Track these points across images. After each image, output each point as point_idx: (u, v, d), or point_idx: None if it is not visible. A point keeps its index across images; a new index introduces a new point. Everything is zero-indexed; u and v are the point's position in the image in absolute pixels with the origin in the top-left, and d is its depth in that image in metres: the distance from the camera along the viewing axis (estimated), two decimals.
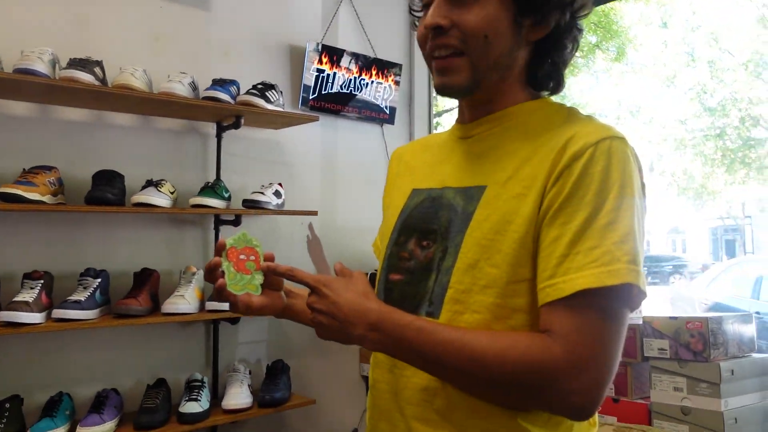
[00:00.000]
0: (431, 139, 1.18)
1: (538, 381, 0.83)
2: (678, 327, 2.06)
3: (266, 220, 2.74)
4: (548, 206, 0.87)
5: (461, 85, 0.96)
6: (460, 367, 0.86)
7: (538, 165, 0.90)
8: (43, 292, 2.01)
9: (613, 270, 0.81)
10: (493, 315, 0.89)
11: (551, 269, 0.85)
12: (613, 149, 0.87)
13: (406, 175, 1.13)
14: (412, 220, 1.03)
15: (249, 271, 0.97)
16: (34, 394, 2.13)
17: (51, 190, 2.03)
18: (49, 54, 2.04)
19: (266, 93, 2.46)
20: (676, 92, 12.32)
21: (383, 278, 1.04)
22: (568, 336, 0.82)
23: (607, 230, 0.83)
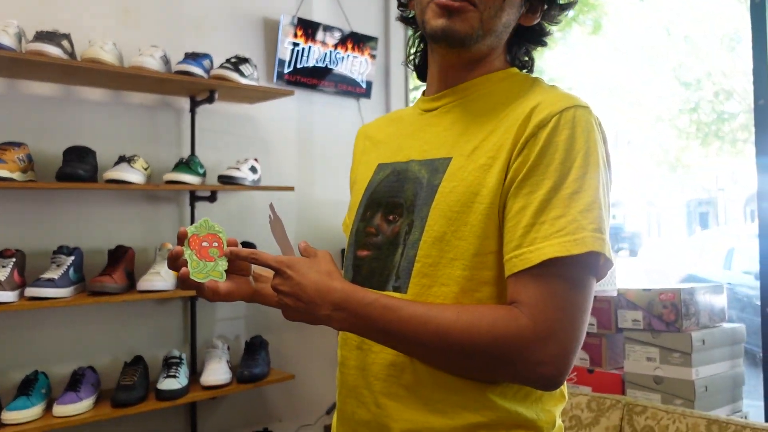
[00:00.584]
0: (397, 113, 1.17)
1: (506, 352, 0.83)
2: (651, 298, 2.09)
3: (242, 196, 2.71)
4: (514, 176, 0.87)
5: (467, 32, 0.93)
6: (427, 342, 0.85)
7: (503, 135, 0.90)
8: (15, 270, 1.98)
9: (579, 239, 0.81)
10: (460, 288, 0.89)
11: (517, 239, 0.84)
12: (578, 118, 0.86)
13: (372, 151, 1.12)
14: (377, 195, 1.02)
15: (212, 257, 0.95)
16: (8, 373, 2.11)
17: (20, 166, 1.99)
18: (15, 26, 1.99)
19: (240, 67, 2.43)
20: (653, 66, 12.37)
21: (351, 255, 1.03)
22: (535, 306, 0.82)
23: (573, 199, 0.83)
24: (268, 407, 2.77)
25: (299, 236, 2.92)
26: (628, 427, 1.73)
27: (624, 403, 1.78)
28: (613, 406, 1.79)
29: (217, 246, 0.96)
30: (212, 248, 0.96)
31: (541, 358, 0.82)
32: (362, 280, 0.98)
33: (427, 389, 0.90)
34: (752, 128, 2.10)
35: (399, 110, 1.18)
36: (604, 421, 1.78)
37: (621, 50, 12.12)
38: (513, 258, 0.84)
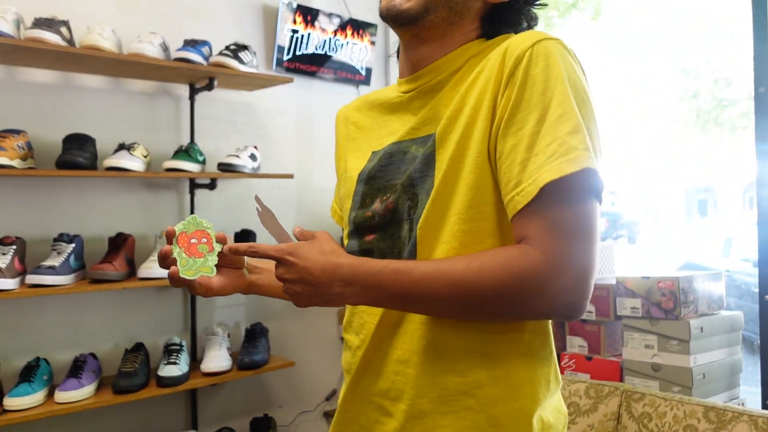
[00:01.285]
0: (375, 96, 1.14)
1: (524, 288, 0.82)
2: (650, 286, 2.10)
3: (242, 184, 2.71)
4: (500, 118, 0.86)
5: (410, 9, 0.93)
6: (444, 296, 0.84)
7: (482, 87, 0.89)
8: (16, 257, 1.98)
9: (571, 158, 0.80)
10: (460, 243, 0.89)
11: (515, 177, 0.83)
12: (550, 48, 0.85)
13: (362, 139, 1.11)
14: (374, 181, 1.02)
15: (202, 254, 0.94)
16: (10, 359, 2.12)
17: (20, 154, 1.99)
18: (13, 13, 1.98)
19: (239, 54, 2.42)
20: (652, 53, 12.32)
21: (357, 243, 1.03)
22: (543, 237, 0.81)
23: (559, 123, 0.82)
24: (269, 394, 2.79)
25: (299, 223, 2.91)
26: (626, 414, 1.74)
27: (622, 390, 1.79)
28: (611, 393, 1.80)
29: (206, 242, 0.95)
30: (201, 244, 0.94)
31: (559, 287, 0.81)
32: None
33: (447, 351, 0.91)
34: (752, 115, 2.09)
35: (378, 92, 1.15)
36: (603, 408, 1.79)
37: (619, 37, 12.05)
38: (514, 196, 0.83)
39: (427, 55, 0.99)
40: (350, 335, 1.05)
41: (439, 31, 0.97)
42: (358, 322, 1.03)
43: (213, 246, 0.95)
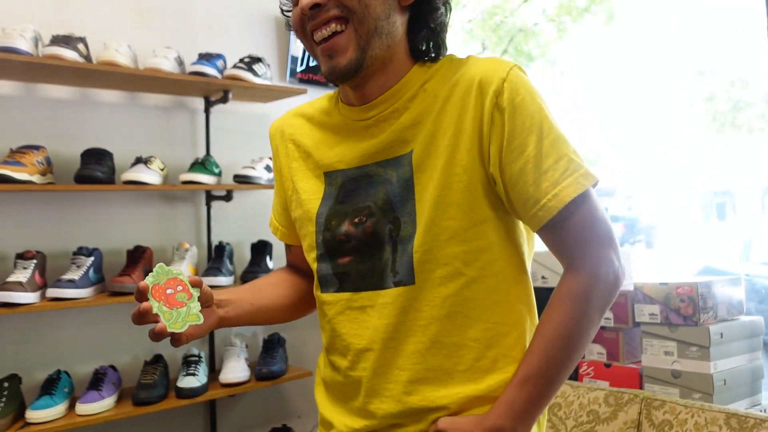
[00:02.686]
0: (311, 112, 1.13)
1: (597, 299, 0.94)
2: (668, 292, 2.09)
3: (258, 195, 2.73)
4: (498, 147, 0.94)
5: (351, 60, 0.95)
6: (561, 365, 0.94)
7: (455, 112, 0.95)
8: (37, 271, 2.01)
9: (583, 173, 0.93)
10: (462, 262, 0.96)
11: (533, 196, 0.93)
12: (518, 77, 0.94)
13: (306, 159, 1.09)
14: (340, 206, 1.02)
15: (182, 303, 0.90)
16: (32, 372, 2.14)
17: (39, 169, 2.02)
18: (31, 31, 2.01)
19: (253, 66, 2.44)
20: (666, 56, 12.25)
21: (329, 265, 1.03)
22: (579, 247, 0.94)
23: (559, 143, 0.94)
24: (287, 404, 2.79)
25: None
26: (646, 422, 1.73)
27: (642, 397, 1.78)
28: (631, 400, 1.79)
29: (182, 289, 0.91)
30: (178, 293, 0.90)
31: (608, 272, 0.94)
32: (354, 285, 1.01)
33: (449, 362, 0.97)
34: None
35: (310, 107, 1.15)
36: (622, 415, 1.78)
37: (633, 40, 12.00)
38: (537, 213, 0.93)
39: (377, 86, 1.01)
40: (335, 357, 1.06)
41: (380, 61, 0.98)
42: (341, 344, 1.04)
43: (191, 292, 0.91)
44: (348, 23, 0.94)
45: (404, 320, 0.97)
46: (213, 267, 2.36)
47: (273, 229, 1.23)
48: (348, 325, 1.02)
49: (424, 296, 0.96)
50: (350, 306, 1.02)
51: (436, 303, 0.95)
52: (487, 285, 0.97)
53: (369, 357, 0.99)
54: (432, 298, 0.96)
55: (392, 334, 0.97)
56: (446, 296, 0.95)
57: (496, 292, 0.97)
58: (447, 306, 0.95)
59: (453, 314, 0.96)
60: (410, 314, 0.96)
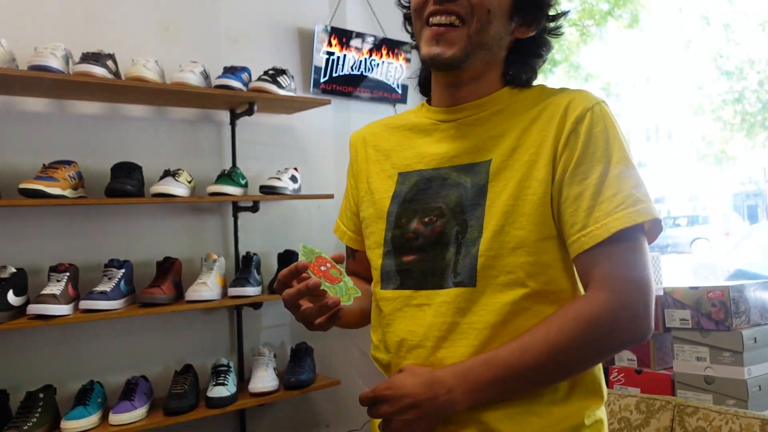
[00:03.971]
0: (394, 121, 1.19)
1: (602, 329, 0.92)
2: (699, 297, 2.06)
3: (284, 206, 2.76)
4: (564, 168, 0.96)
5: (454, 56, 0.99)
6: (536, 367, 0.92)
7: (539, 132, 0.98)
8: (70, 284, 2.05)
9: (640, 209, 0.92)
10: (526, 273, 0.96)
11: (582, 221, 0.93)
12: (604, 111, 0.98)
13: (383, 161, 1.14)
14: (410, 203, 1.05)
15: (338, 278, 0.93)
16: (66, 383, 2.18)
17: (71, 184, 2.06)
18: (62, 49, 2.06)
19: (278, 78, 2.47)
20: (692, 57, 12.11)
21: (393, 261, 1.06)
22: (610, 275, 0.92)
23: (623, 178, 0.94)
24: (315, 413, 2.80)
25: (340, 243, 2.94)
26: (679, 429, 1.70)
27: (674, 404, 1.75)
28: (663, 407, 1.77)
29: (331, 266, 0.94)
30: (331, 269, 0.93)
31: (629, 317, 0.92)
32: (415, 283, 1.02)
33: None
34: None
35: (395, 117, 1.22)
36: (654, 422, 1.75)
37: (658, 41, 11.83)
38: (581, 237, 0.94)
39: (468, 93, 1.06)
40: (381, 354, 1.09)
41: (477, 71, 1.04)
42: (393, 340, 1.05)
43: (339, 268, 0.95)
44: (465, 25, 0.98)
45: (459, 321, 0.97)
46: (241, 277, 2.39)
47: (340, 234, 1.26)
48: (404, 321, 1.03)
49: (483, 300, 0.96)
50: (408, 303, 1.03)
51: (494, 308, 0.96)
52: (547, 300, 0.97)
53: (420, 354, 1.00)
54: (491, 304, 0.96)
55: (445, 334, 0.98)
56: (505, 303, 0.96)
57: (556, 306, 0.96)
58: (504, 313, 0.96)
59: (508, 322, 0.96)
60: (467, 316, 0.97)
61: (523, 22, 1.03)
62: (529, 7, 1.02)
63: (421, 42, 1.03)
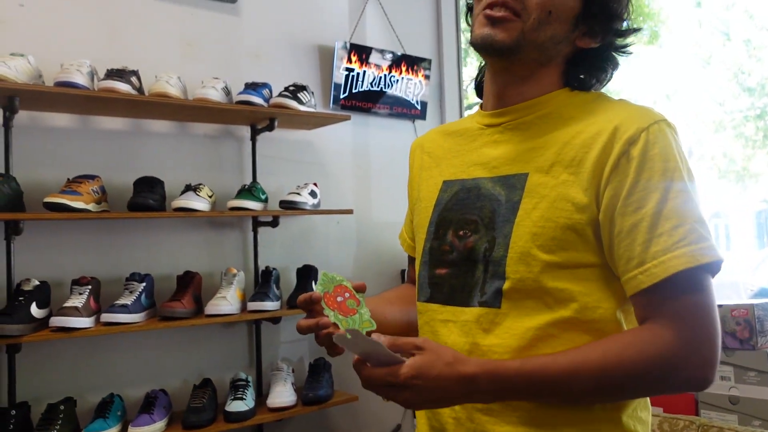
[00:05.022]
0: (450, 127, 1.17)
1: (662, 371, 0.84)
2: (723, 315, 2.02)
3: (303, 220, 2.77)
4: (615, 195, 0.88)
5: (504, 42, 0.94)
6: (582, 389, 0.86)
7: (582, 148, 0.91)
8: (91, 297, 2.07)
9: (704, 248, 0.84)
10: (554, 298, 0.90)
11: (638, 257, 0.86)
12: (664, 131, 0.89)
13: (433, 167, 1.13)
14: (448, 213, 1.04)
15: (354, 310, 0.89)
16: (86, 396, 2.20)
17: (95, 198, 2.09)
18: (87, 66, 2.10)
19: (298, 94, 2.49)
20: (713, 73, 12.01)
21: (427, 273, 1.04)
22: (674, 319, 0.84)
23: (685, 209, 0.86)
24: (334, 428, 2.79)
25: (360, 257, 2.95)
26: None
27: (698, 424, 1.72)
28: (686, 427, 1.73)
29: (349, 296, 0.90)
30: (348, 300, 0.90)
31: (694, 364, 0.84)
32: (444, 298, 1.00)
33: (524, 404, 0.91)
34: None
35: (453, 123, 1.19)
36: None
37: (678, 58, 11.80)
38: (638, 275, 0.86)
39: (515, 91, 1.02)
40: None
41: (528, 69, 1.00)
42: None
43: (357, 298, 0.91)
44: (521, 19, 0.94)
45: (481, 344, 0.94)
46: (260, 292, 2.40)
47: (401, 241, 1.26)
48: (430, 336, 1.02)
49: (507, 323, 0.92)
50: (434, 318, 1.02)
51: (518, 333, 0.92)
52: (579, 328, 0.91)
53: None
54: (515, 327, 0.92)
55: (466, 354, 0.94)
56: (529, 328, 0.91)
57: (587, 336, 0.91)
58: (528, 338, 0.91)
59: (533, 348, 0.91)
60: (489, 338, 0.94)
61: (588, 31, 0.99)
62: (596, 16, 0.97)
63: (474, 26, 0.99)
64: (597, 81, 1.04)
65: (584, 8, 0.97)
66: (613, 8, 0.98)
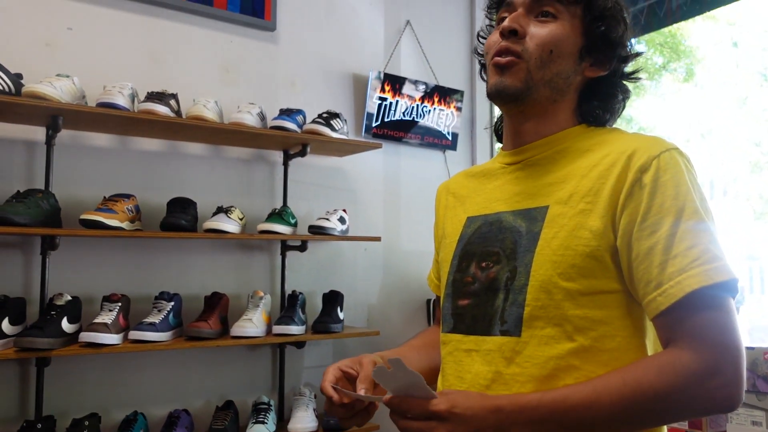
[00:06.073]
0: (475, 169, 1.22)
1: (683, 393, 0.84)
2: (755, 358, 1.97)
3: (331, 246, 2.78)
4: (630, 222, 0.90)
5: (514, 86, 1.00)
6: (605, 417, 0.85)
7: (598, 180, 0.95)
8: (121, 314, 2.10)
9: (718, 266, 0.85)
10: (573, 326, 0.92)
11: (656, 279, 0.87)
12: (675, 158, 0.92)
13: (458, 206, 1.17)
14: (471, 246, 1.06)
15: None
16: (110, 412, 2.22)
17: (129, 216, 2.13)
18: (129, 88, 2.16)
19: (331, 121, 2.52)
20: (749, 113, 11.87)
21: (450, 305, 1.06)
22: (693, 339, 0.85)
23: (698, 231, 0.88)
24: None
25: (386, 285, 2.95)
26: None
27: None
28: None
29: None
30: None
31: (717, 385, 0.83)
32: (466, 328, 1.02)
33: None
34: None
35: (477, 166, 1.23)
36: None
37: (714, 97, 11.69)
38: (657, 297, 0.87)
39: (532, 130, 1.06)
40: None
41: (542, 107, 1.04)
42: (445, 384, 1.04)
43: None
44: (524, 60, 1.00)
45: (503, 372, 0.95)
46: (285, 315, 2.41)
47: (429, 282, 1.30)
48: (453, 366, 1.03)
49: (528, 352, 0.93)
50: (458, 348, 1.03)
51: (539, 362, 0.92)
52: (598, 358, 0.91)
53: None
54: (536, 356, 0.93)
55: (489, 384, 0.96)
56: (550, 357, 0.92)
57: (607, 368, 0.90)
58: (549, 367, 0.92)
59: (554, 378, 0.91)
60: (511, 367, 0.95)
61: (594, 61, 1.04)
62: (599, 47, 1.02)
63: (486, 76, 1.06)
64: (610, 112, 1.07)
65: (586, 41, 1.02)
66: (612, 37, 1.03)
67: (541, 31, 1.00)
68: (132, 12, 2.40)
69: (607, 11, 1.03)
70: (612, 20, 1.03)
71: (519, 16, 1.01)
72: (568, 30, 1.01)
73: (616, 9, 1.04)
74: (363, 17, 2.99)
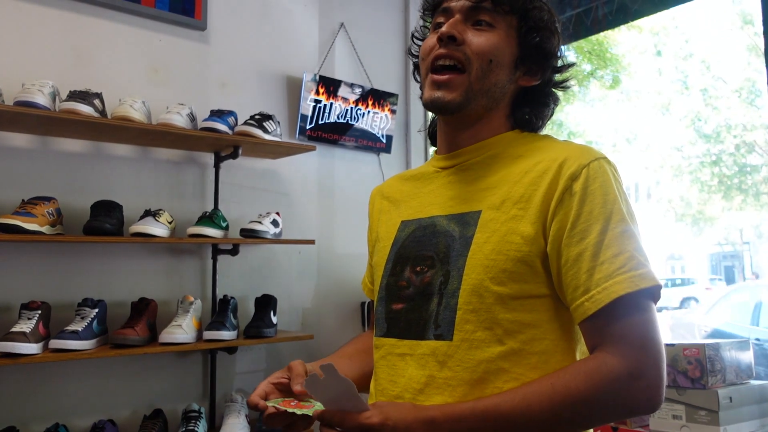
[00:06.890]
0: (408, 173, 1.23)
1: (609, 396, 0.87)
2: (675, 354, 2.06)
3: (264, 250, 2.74)
4: (560, 228, 0.93)
5: (453, 101, 1.02)
6: (536, 423, 0.87)
7: (530, 186, 0.97)
8: (41, 322, 2.01)
9: (643, 273, 0.89)
10: (504, 330, 0.93)
11: (583, 284, 0.90)
12: (604, 168, 0.95)
13: (392, 210, 1.17)
14: (405, 250, 1.06)
15: (311, 404, 0.93)
16: (29, 425, 2.12)
17: (50, 220, 2.04)
18: (50, 86, 2.07)
19: (264, 123, 2.49)
20: (671, 119, 12.43)
21: (384, 309, 1.06)
22: (618, 343, 0.88)
23: (624, 238, 0.91)
24: None
25: (321, 288, 2.94)
26: None
27: None
28: None
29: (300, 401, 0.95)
30: (303, 400, 0.95)
31: (641, 386, 0.87)
32: (400, 332, 1.02)
33: None
34: None
35: (411, 170, 1.24)
36: None
37: (638, 104, 12.19)
38: (584, 302, 0.90)
39: (467, 137, 1.08)
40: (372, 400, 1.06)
41: (477, 114, 1.06)
42: (378, 388, 1.04)
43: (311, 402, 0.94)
44: (466, 72, 1.01)
45: (436, 376, 0.96)
46: (216, 321, 2.36)
47: (363, 287, 1.29)
48: (386, 370, 1.03)
49: (459, 356, 0.94)
50: (392, 352, 1.03)
51: (470, 365, 0.93)
52: (527, 361, 0.93)
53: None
54: (467, 360, 0.94)
55: (423, 388, 0.96)
56: (481, 360, 0.93)
57: (535, 370, 0.93)
58: (480, 371, 0.93)
59: (485, 381, 0.93)
60: (443, 371, 0.95)
61: (527, 71, 1.06)
62: (533, 57, 1.05)
63: (424, 88, 1.06)
64: (541, 118, 1.11)
65: (521, 51, 1.04)
66: (546, 48, 1.06)
67: (479, 40, 1.01)
68: (54, 7, 2.31)
69: (542, 23, 1.05)
70: (546, 31, 1.06)
71: (456, 23, 1.02)
72: (505, 40, 1.03)
73: (550, 21, 1.06)
74: (297, 19, 2.97)
